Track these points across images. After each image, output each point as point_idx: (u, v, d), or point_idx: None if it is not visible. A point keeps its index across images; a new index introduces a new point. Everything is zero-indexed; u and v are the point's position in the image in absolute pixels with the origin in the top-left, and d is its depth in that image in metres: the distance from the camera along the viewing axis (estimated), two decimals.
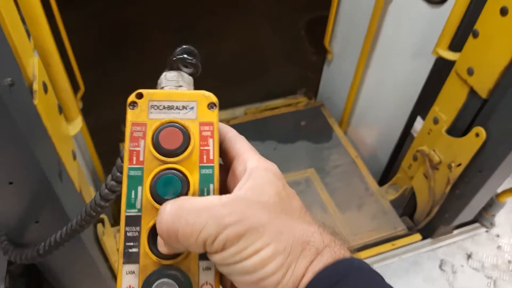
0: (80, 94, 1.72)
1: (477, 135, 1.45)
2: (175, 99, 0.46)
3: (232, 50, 2.28)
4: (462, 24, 1.47)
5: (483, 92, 1.39)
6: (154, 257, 0.43)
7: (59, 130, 0.97)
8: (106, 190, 0.57)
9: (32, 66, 0.87)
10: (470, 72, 1.41)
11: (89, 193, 1.24)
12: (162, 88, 0.48)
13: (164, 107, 0.46)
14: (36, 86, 0.85)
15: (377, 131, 2.26)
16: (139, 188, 0.44)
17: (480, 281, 1.81)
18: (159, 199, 0.43)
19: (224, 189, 0.46)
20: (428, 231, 1.91)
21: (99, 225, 1.14)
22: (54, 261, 0.94)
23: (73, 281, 1.06)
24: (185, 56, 0.48)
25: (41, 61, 0.91)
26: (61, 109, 1.03)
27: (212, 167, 0.45)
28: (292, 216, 0.41)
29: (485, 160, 1.50)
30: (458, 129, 1.57)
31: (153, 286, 0.41)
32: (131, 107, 0.45)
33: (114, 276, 1.19)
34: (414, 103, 1.90)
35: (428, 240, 1.92)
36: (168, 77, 0.48)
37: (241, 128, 2.27)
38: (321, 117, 2.42)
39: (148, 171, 0.44)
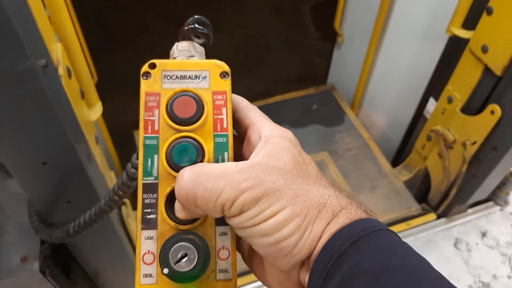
0: (94, 81, 1.72)
1: (492, 112, 1.46)
2: (187, 69, 0.46)
3: (238, 38, 2.28)
4: (475, 1, 1.46)
5: (497, 69, 1.40)
6: (171, 223, 0.43)
7: (82, 115, 0.99)
8: (133, 169, 0.58)
9: (56, 51, 0.89)
10: (485, 49, 1.41)
11: (110, 178, 1.26)
12: (174, 58, 0.48)
13: (177, 77, 0.46)
14: (61, 71, 0.87)
15: (389, 112, 2.27)
16: (155, 156, 0.44)
17: (495, 258, 1.82)
18: (175, 167, 0.44)
19: (239, 158, 0.46)
20: (443, 211, 1.91)
21: (124, 207, 1.16)
22: (82, 241, 0.97)
23: (100, 261, 1.09)
24: (196, 26, 0.48)
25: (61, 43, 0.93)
26: (83, 95, 1.05)
27: (226, 136, 0.46)
28: (308, 181, 0.42)
29: (500, 138, 1.50)
30: (472, 107, 1.58)
31: (172, 249, 0.41)
32: (144, 77, 0.46)
33: None
34: (427, 84, 1.90)
35: (443, 219, 1.93)
36: (180, 48, 0.48)
37: None
38: (333, 101, 2.42)
39: (164, 139, 0.45)
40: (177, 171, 0.43)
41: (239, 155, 0.48)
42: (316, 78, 2.61)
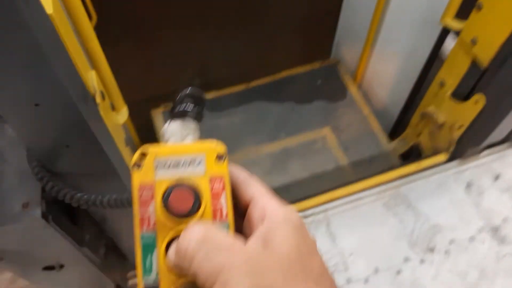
0: (92, 24, 1.67)
1: (476, 101, 1.56)
2: (181, 154, 0.44)
3: None
4: None
5: (484, 61, 1.48)
6: None
7: (113, 124, 1.06)
8: None
9: (91, 79, 0.95)
10: (474, 42, 1.49)
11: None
12: (166, 140, 0.47)
13: (170, 164, 0.44)
14: (98, 98, 0.93)
15: (396, 66, 2.23)
16: (154, 253, 0.43)
17: (507, 201, 1.77)
18: None
19: (239, 234, 0.45)
20: (456, 153, 1.85)
21: None
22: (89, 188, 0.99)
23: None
24: (188, 104, 0.47)
25: (95, 71, 0.99)
26: (113, 106, 1.12)
27: (226, 225, 0.44)
28: (307, 279, 0.39)
29: (484, 125, 1.59)
30: (461, 93, 1.66)
31: None
32: (136, 167, 0.44)
33: None
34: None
35: (455, 162, 1.87)
36: (172, 129, 0.47)
37: (260, 89, 2.40)
38: (336, 76, 2.49)
39: (162, 235, 0.43)
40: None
41: (239, 231, 0.46)
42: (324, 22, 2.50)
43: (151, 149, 0.44)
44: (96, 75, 0.96)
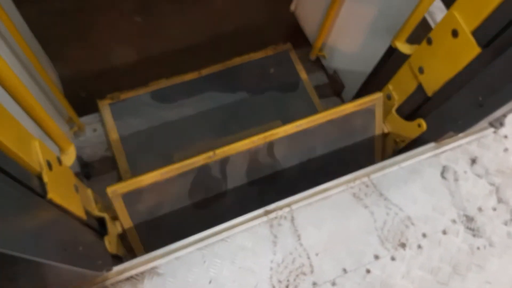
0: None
1: (419, 125, 1.67)
2: None
3: None
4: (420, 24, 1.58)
5: (429, 91, 1.56)
6: None
7: (62, 180, 1.07)
8: None
9: (36, 153, 0.92)
10: (421, 71, 1.56)
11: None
12: None
13: None
14: (45, 177, 0.91)
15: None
16: None
17: (482, 188, 1.70)
18: None
19: None
20: (434, 134, 1.72)
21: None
22: None
23: None
24: None
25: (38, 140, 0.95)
26: (59, 160, 1.09)
27: None
28: None
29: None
30: (405, 111, 1.76)
31: None
32: None
33: None
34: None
35: (431, 145, 1.74)
36: None
37: (212, 78, 2.37)
38: (289, 63, 2.49)
39: None
40: None
41: None
42: None
43: None
44: (40, 145, 0.95)
